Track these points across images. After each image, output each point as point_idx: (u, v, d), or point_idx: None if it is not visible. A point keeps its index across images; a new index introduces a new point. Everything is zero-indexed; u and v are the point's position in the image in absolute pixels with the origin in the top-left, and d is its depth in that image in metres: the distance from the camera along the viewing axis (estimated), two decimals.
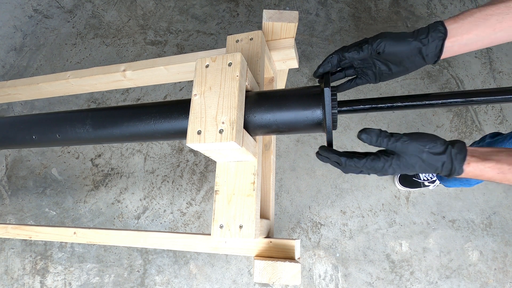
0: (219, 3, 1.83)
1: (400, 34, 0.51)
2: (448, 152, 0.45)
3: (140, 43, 1.84)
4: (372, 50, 0.52)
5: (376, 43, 0.51)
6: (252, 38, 0.77)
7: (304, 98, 0.58)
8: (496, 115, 1.44)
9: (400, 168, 0.49)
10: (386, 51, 0.51)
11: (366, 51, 0.53)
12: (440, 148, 0.46)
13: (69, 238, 0.91)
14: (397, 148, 0.48)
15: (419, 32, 0.49)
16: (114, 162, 1.64)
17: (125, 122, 0.71)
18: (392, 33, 0.51)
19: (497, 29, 0.45)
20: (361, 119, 1.50)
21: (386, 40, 0.50)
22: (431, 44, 0.48)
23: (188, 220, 1.49)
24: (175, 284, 1.40)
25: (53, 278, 1.51)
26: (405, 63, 0.52)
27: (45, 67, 1.91)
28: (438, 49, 0.49)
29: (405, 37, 0.50)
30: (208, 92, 0.59)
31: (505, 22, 0.45)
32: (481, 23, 0.46)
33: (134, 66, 0.96)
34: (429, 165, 0.47)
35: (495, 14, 0.45)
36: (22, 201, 1.67)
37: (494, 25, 0.45)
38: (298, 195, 1.44)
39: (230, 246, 0.75)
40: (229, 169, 0.68)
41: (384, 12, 1.67)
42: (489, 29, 0.46)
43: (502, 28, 0.45)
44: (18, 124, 0.83)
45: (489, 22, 0.45)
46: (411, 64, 0.52)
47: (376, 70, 0.56)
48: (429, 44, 0.48)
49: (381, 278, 1.29)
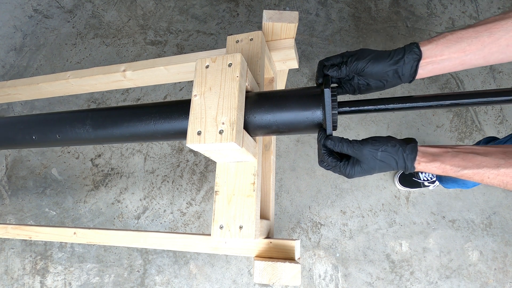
0: (219, 3, 1.83)
1: (378, 54, 0.54)
2: (400, 152, 0.51)
3: (140, 43, 1.84)
4: (349, 71, 0.56)
5: (353, 65, 0.54)
6: (252, 38, 0.77)
7: (304, 99, 0.58)
8: (496, 115, 1.44)
9: (363, 171, 0.54)
10: (363, 71, 0.54)
11: (344, 71, 0.56)
12: (391, 149, 0.51)
13: (69, 238, 0.91)
14: (355, 153, 0.54)
15: (396, 53, 0.52)
16: (114, 162, 1.64)
17: (125, 122, 0.71)
18: (370, 53, 0.54)
19: (467, 51, 0.49)
20: (361, 119, 1.50)
21: (363, 62, 0.54)
22: (406, 65, 0.52)
23: (188, 220, 1.49)
24: (175, 284, 1.40)
25: (53, 278, 1.51)
26: (382, 80, 0.56)
27: (45, 67, 1.91)
28: (413, 70, 0.52)
29: (382, 57, 0.53)
30: (208, 93, 0.59)
31: (474, 45, 0.49)
32: (452, 45, 0.49)
33: (134, 66, 0.96)
34: (386, 165, 0.52)
35: (465, 38, 0.49)
36: (22, 201, 1.67)
37: (464, 47, 0.49)
38: (298, 195, 1.44)
39: (230, 247, 0.75)
40: (229, 170, 0.68)
41: (384, 12, 1.67)
42: (460, 51, 0.50)
43: (472, 51, 0.49)
44: (18, 124, 0.83)
45: (460, 45, 0.49)
46: (388, 82, 0.56)
47: (355, 84, 0.59)
48: (404, 65, 0.52)
49: (381, 278, 1.30)
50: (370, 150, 0.52)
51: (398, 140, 0.53)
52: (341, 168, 0.56)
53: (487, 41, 0.48)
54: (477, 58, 0.50)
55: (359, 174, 0.55)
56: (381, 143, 0.52)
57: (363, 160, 0.53)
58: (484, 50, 0.49)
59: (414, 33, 1.61)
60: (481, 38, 0.48)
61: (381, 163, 0.52)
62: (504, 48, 0.48)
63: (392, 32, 1.62)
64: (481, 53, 0.49)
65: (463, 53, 0.50)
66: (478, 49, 0.49)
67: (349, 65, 0.55)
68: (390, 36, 1.62)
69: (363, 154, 0.52)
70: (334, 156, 0.57)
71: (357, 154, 0.53)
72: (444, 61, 0.51)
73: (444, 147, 0.51)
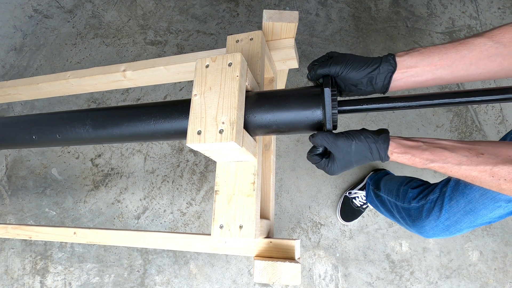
0: (219, 3, 1.83)
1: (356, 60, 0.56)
2: (373, 143, 0.53)
3: (140, 43, 1.84)
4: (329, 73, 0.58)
5: (333, 68, 0.57)
6: (252, 38, 0.77)
7: (304, 98, 0.58)
8: (496, 115, 1.44)
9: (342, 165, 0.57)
10: (342, 75, 0.57)
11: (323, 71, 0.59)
12: (365, 140, 0.54)
13: (69, 238, 0.91)
14: (330, 146, 0.56)
15: (373, 62, 0.55)
16: (114, 162, 1.64)
17: (125, 122, 0.71)
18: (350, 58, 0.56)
19: (438, 66, 0.53)
20: (361, 119, 1.50)
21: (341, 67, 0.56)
22: (381, 75, 0.55)
23: (188, 220, 1.49)
24: (175, 284, 1.40)
25: (53, 278, 1.51)
26: (359, 87, 0.58)
27: (45, 67, 1.91)
28: (387, 81, 0.55)
29: (359, 65, 0.56)
30: (208, 92, 0.59)
31: (444, 61, 0.52)
32: (425, 58, 0.53)
33: (134, 66, 0.96)
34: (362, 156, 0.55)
35: (436, 52, 0.53)
36: (22, 201, 1.67)
37: (436, 62, 0.53)
38: (298, 195, 1.44)
39: (230, 246, 0.75)
40: (229, 169, 0.68)
41: (384, 12, 1.67)
42: (431, 65, 0.53)
43: (442, 66, 0.53)
44: (18, 124, 0.83)
45: (432, 58, 0.53)
46: (362, 90, 0.59)
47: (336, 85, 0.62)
48: (379, 75, 0.55)
49: (381, 278, 1.30)
50: (344, 142, 0.54)
51: (371, 131, 0.55)
52: (322, 164, 0.60)
53: (455, 57, 0.52)
54: (447, 73, 0.53)
55: (338, 169, 0.58)
56: (354, 135, 0.55)
57: (339, 153, 0.56)
58: (452, 66, 0.52)
59: (414, 33, 1.61)
60: (450, 54, 0.52)
61: (357, 155, 0.55)
62: (468, 66, 0.52)
63: (392, 32, 1.62)
64: (450, 69, 0.53)
65: (434, 67, 0.53)
66: (448, 64, 0.52)
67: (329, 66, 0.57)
68: (390, 36, 1.62)
69: (338, 146, 0.55)
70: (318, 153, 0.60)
71: (332, 147, 0.56)
72: (418, 73, 0.54)
73: (417, 140, 0.54)
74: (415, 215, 0.80)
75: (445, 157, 0.51)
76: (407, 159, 0.53)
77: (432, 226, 0.75)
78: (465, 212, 0.69)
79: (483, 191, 0.66)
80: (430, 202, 0.76)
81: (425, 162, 0.52)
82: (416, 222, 0.80)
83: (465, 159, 0.49)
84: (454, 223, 0.72)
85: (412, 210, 0.82)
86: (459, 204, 0.69)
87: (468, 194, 0.68)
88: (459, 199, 0.69)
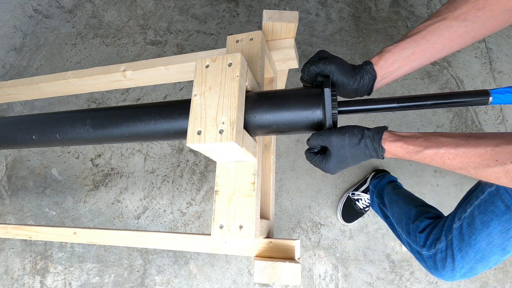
0: (219, 3, 1.83)
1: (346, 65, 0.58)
2: (366, 134, 0.54)
3: (140, 43, 1.84)
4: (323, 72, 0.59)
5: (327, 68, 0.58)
6: (252, 38, 0.77)
7: (304, 98, 0.59)
8: (496, 115, 1.44)
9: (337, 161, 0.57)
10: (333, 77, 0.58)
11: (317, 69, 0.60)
12: (358, 133, 0.54)
13: (69, 238, 0.91)
14: (325, 143, 0.56)
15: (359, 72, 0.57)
16: (114, 162, 1.64)
17: (125, 122, 0.71)
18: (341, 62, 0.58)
19: (412, 59, 0.56)
20: (361, 119, 1.50)
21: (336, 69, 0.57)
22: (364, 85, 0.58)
23: (188, 220, 1.49)
24: (175, 284, 1.40)
25: (53, 278, 1.51)
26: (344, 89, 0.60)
27: (45, 67, 1.91)
28: (369, 87, 0.58)
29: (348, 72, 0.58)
30: (208, 92, 0.59)
31: (417, 53, 0.55)
32: (398, 57, 0.56)
33: (134, 66, 0.96)
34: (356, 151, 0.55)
35: (406, 48, 0.55)
36: (22, 201, 1.67)
37: (409, 56, 0.55)
38: (298, 195, 1.44)
39: (230, 246, 0.75)
40: (229, 169, 0.68)
41: (384, 12, 1.67)
42: (406, 60, 0.56)
43: (416, 58, 0.56)
44: (18, 124, 0.83)
45: (404, 55, 0.55)
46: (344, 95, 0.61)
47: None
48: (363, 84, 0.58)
49: (381, 278, 1.30)
50: (338, 136, 0.55)
51: (364, 127, 0.56)
52: (317, 160, 0.60)
53: (426, 47, 0.54)
54: (423, 60, 0.56)
55: (333, 164, 0.58)
56: (348, 128, 0.55)
57: (333, 148, 0.56)
58: (426, 54, 0.55)
59: None
60: (420, 45, 0.54)
61: (351, 149, 0.55)
62: (442, 49, 0.54)
63: (392, 32, 1.62)
64: (424, 56, 0.55)
65: (409, 61, 0.56)
66: (421, 55, 0.55)
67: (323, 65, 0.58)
68: (390, 36, 1.62)
69: (331, 141, 0.55)
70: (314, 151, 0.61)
71: (326, 142, 0.56)
72: (396, 71, 0.57)
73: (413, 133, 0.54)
74: (430, 264, 0.75)
75: (440, 142, 0.49)
76: (400, 146, 0.52)
77: (451, 276, 0.72)
78: (477, 260, 0.66)
79: (489, 240, 0.63)
80: (441, 252, 0.72)
81: (418, 149, 0.50)
82: (433, 271, 0.75)
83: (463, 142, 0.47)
84: (469, 270, 0.69)
85: (425, 258, 0.79)
86: (469, 255, 0.66)
87: (474, 244, 0.65)
88: (467, 250, 0.66)
